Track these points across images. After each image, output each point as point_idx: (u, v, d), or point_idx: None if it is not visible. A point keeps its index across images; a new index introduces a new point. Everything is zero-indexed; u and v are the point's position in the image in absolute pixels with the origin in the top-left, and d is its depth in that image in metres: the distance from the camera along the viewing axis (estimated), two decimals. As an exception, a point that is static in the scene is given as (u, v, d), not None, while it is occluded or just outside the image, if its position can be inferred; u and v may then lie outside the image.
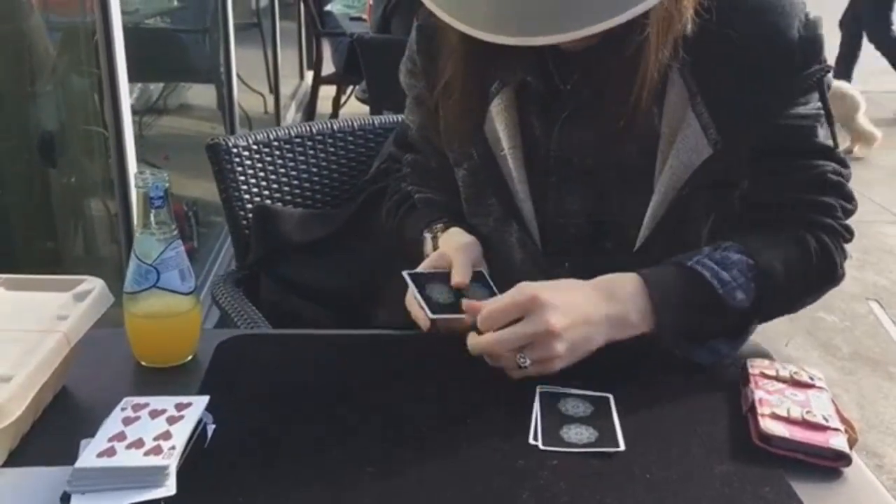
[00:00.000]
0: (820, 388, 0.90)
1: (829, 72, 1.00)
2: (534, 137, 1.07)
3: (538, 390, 0.90)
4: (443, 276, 1.01)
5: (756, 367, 0.93)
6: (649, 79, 0.94)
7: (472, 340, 0.91)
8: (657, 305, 0.93)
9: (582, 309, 0.91)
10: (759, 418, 0.83)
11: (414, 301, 0.99)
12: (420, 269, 1.04)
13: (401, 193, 1.26)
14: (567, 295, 0.91)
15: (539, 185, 1.09)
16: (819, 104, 1.00)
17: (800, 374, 0.91)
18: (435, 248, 1.10)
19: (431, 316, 0.96)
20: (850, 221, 1.04)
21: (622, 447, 0.82)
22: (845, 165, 1.03)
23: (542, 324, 0.88)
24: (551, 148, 1.06)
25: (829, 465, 0.80)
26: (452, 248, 1.06)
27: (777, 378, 0.91)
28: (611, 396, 0.90)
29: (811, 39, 0.98)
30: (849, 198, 1.03)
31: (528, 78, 1.04)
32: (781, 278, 0.97)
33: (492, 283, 1.04)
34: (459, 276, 1.00)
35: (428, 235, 1.14)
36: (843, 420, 0.85)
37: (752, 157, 1.01)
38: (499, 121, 1.07)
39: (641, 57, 0.93)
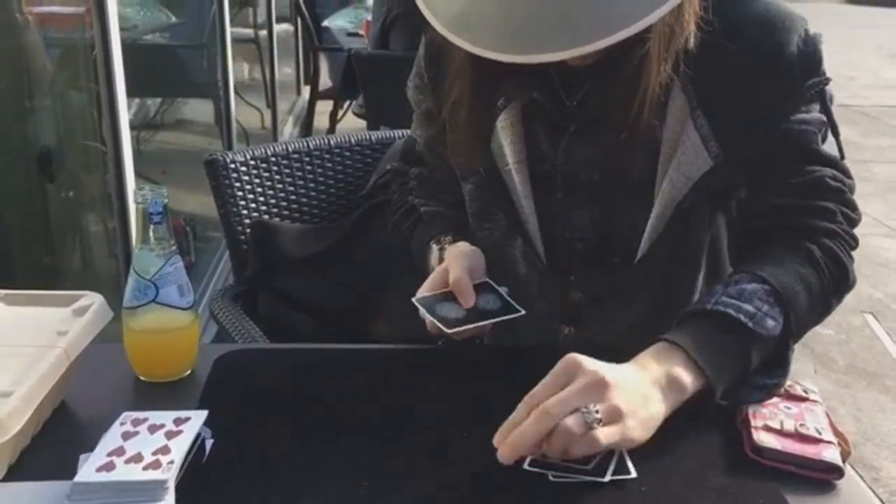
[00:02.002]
0: (814, 401, 0.91)
1: (827, 84, 1.00)
2: (540, 153, 1.08)
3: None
4: (451, 295, 1.03)
5: (750, 380, 0.93)
6: (651, 92, 0.94)
7: (525, 425, 0.78)
8: (695, 355, 0.86)
9: (624, 370, 0.84)
10: (753, 430, 0.84)
11: (434, 324, 1.00)
12: (423, 287, 1.05)
13: (406, 207, 1.26)
14: (605, 364, 0.83)
15: (545, 201, 1.09)
16: (821, 115, 1.00)
17: (794, 388, 0.92)
18: (441, 259, 1.10)
19: (449, 331, 0.98)
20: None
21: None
22: (848, 175, 1.02)
23: (590, 376, 0.80)
24: (558, 163, 1.07)
25: (821, 478, 0.80)
26: (451, 259, 1.06)
27: (771, 391, 0.91)
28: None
29: (810, 54, 0.98)
30: (850, 205, 1.02)
31: (534, 94, 1.04)
32: (803, 295, 0.95)
33: (499, 289, 1.05)
34: (463, 297, 1.01)
35: (435, 247, 1.14)
36: (837, 433, 0.85)
37: (751, 166, 1.01)
38: (504, 136, 1.08)
39: (643, 71, 0.93)
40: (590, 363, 0.81)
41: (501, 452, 0.78)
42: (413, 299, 1.01)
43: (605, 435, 0.78)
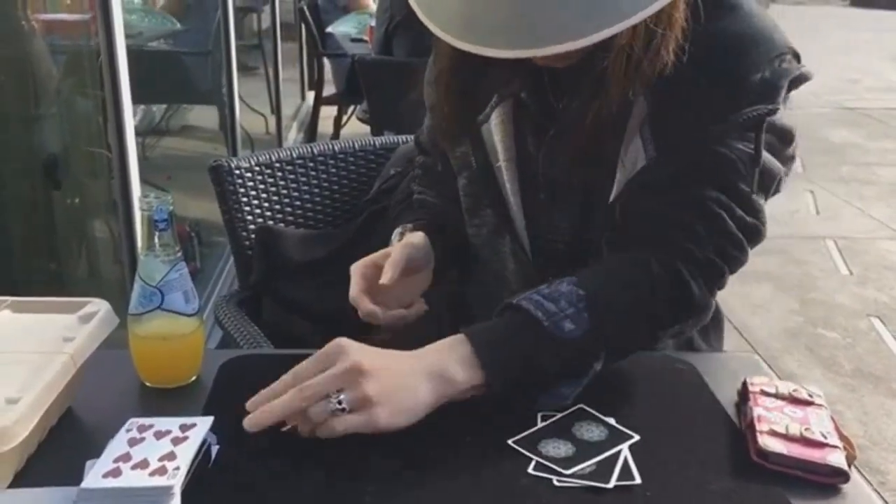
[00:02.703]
0: (819, 405, 0.90)
1: (772, 114, 0.95)
2: (527, 153, 1.10)
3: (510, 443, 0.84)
4: (547, 431, 0.88)
5: (756, 384, 0.93)
6: (607, 110, 0.95)
7: (279, 401, 0.82)
8: (477, 349, 0.87)
9: (391, 356, 0.86)
10: (758, 435, 0.84)
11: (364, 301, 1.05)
12: (361, 263, 1.09)
13: (405, 193, 1.30)
14: (377, 350, 0.86)
15: (531, 201, 1.11)
16: (751, 146, 0.95)
17: (799, 392, 0.92)
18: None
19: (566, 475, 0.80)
20: (737, 269, 0.98)
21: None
22: (752, 214, 0.97)
23: (346, 362, 0.82)
24: (541, 166, 1.08)
25: (826, 482, 0.80)
26: (395, 249, 1.09)
27: (776, 395, 0.91)
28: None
29: (771, 84, 0.95)
30: (732, 240, 0.96)
31: (522, 94, 1.06)
32: (616, 303, 0.92)
33: (597, 413, 0.90)
34: (386, 277, 1.04)
35: (397, 232, 1.18)
36: (842, 437, 0.85)
37: (667, 169, 0.98)
38: (496, 132, 1.10)
39: (602, 88, 0.94)
40: (355, 349, 0.84)
41: (248, 419, 0.82)
42: (510, 442, 0.85)
43: (345, 423, 0.81)
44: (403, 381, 0.84)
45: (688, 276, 0.95)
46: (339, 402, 0.81)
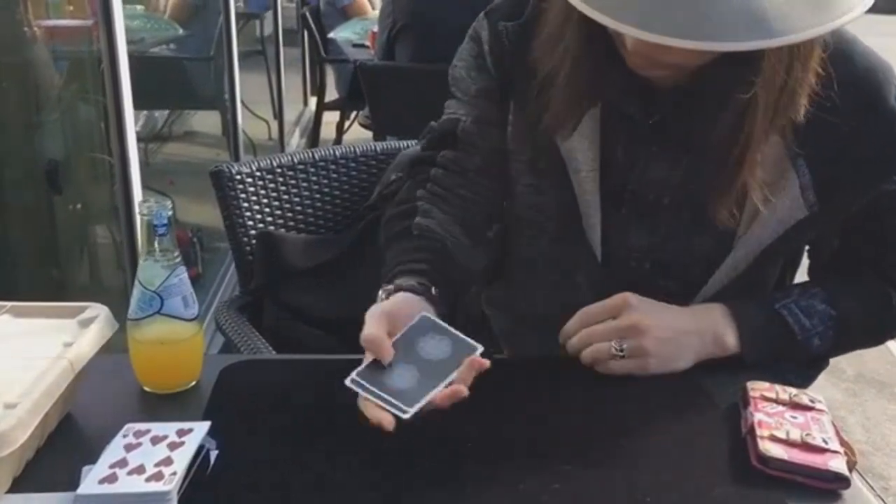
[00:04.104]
0: (820, 410, 0.90)
1: None
2: (615, 166, 1.05)
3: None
4: (399, 348, 0.87)
5: (756, 389, 0.93)
6: (754, 143, 0.94)
7: (570, 341, 1.00)
8: (743, 333, 1.02)
9: (670, 316, 1.00)
10: (759, 440, 0.83)
11: (373, 406, 0.83)
12: (368, 336, 0.88)
13: (407, 206, 1.13)
14: (657, 305, 1.01)
15: (609, 214, 1.07)
16: None
17: (800, 397, 0.92)
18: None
19: (408, 416, 0.80)
20: None
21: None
22: None
23: (631, 319, 0.97)
24: (630, 181, 1.05)
25: (827, 488, 0.80)
26: (369, 315, 0.92)
27: (777, 401, 0.91)
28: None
29: None
30: None
31: (621, 105, 1.02)
32: (858, 330, 1.08)
33: (443, 323, 0.90)
34: (384, 352, 0.87)
35: (382, 294, 1.00)
36: (843, 442, 0.85)
37: (846, 220, 1.05)
38: (580, 140, 1.05)
39: (746, 119, 0.93)
40: (637, 306, 0.99)
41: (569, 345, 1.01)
42: (346, 381, 0.85)
43: (622, 366, 0.98)
44: (678, 338, 0.99)
45: None
46: (620, 349, 0.97)
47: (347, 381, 0.84)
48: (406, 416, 0.80)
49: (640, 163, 1.05)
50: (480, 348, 0.87)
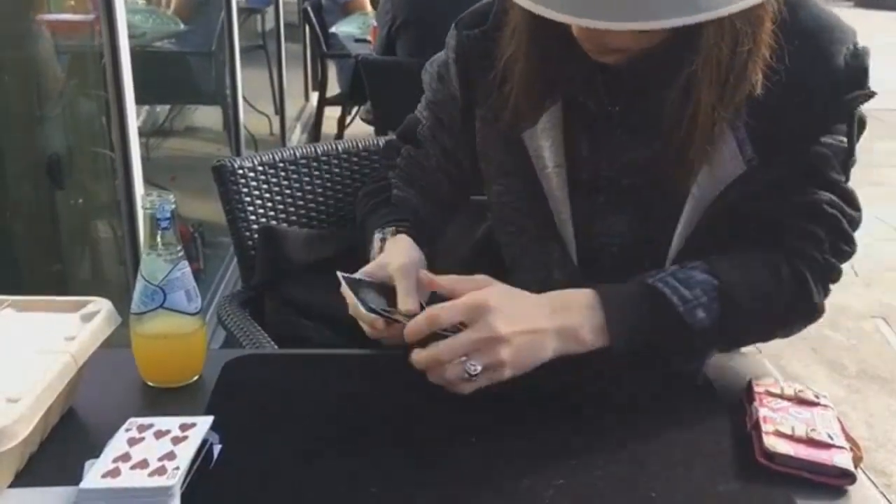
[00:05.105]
0: (825, 406, 0.90)
1: (869, 98, 0.97)
2: (580, 157, 1.07)
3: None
4: (381, 287, 0.99)
5: (761, 385, 0.93)
6: (700, 124, 0.94)
7: (416, 353, 0.89)
8: (610, 320, 0.92)
9: (530, 316, 0.90)
10: (764, 436, 0.83)
11: (356, 305, 0.95)
12: (357, 275, 1.01)
13: (381, 183, 1.24)
14: (516, 302, 0.91)
15: (582, 206, 1.08)
16: (844, 139, 0.98)
17: (805, 393, 0.91)
18: (381, 250, 1.09)
19: (364, 313, 0.93)
20: (846, 264, 1.01)
21: None
22: (852, 206, 1.00)
23: (488, 329, 0.87)
24: (601, 168, 1.06)
25: (833, 483, 0.80)
26: (395, 268, 1.01)
27: (782, 396, 0.91)
28: None
29: (857, 68, 0.96)
30: (843, 236, 0.99)
31: (580, 97, 1.03)
32: (746, 301, 0.95)
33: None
34: (409, 305, 0.95)
35: (377, 236, 1.12)
36: (848, 438, 0.85)
37: (771, 176, 0.99)
38: (544, 138, 1.06)
39: (691, 96, 0.93)
40: (495, 311, 0.88)
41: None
42: (339, 273, 0.97)
43: (473, 386, 0.88)
44: (537, 342, 0.90)
45: (811, 282, 0.98)
46: (474, 369, 0.87)
47: (339, 273, 0.97)
48: (360, 310, 0.93)
49: (607, 150, 1.05)
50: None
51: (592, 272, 1.07)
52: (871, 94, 0.98)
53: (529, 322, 0.90)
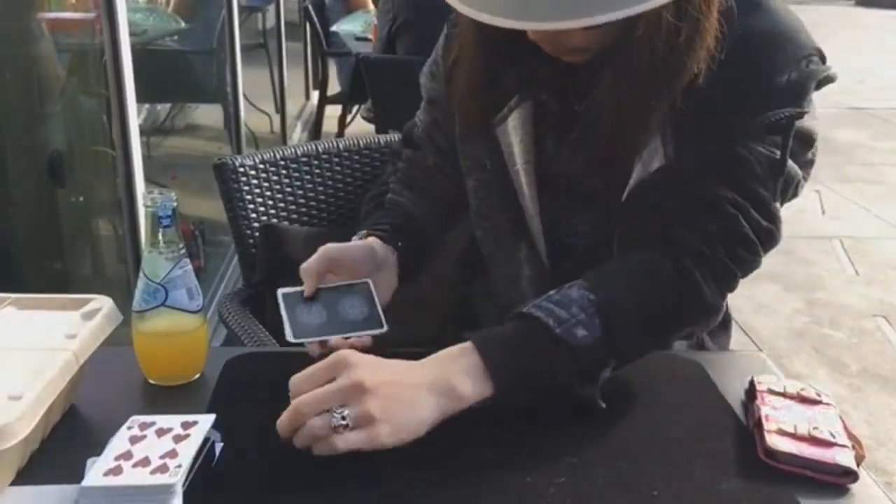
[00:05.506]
0: (827, 404, 0.90)
1: (799, 117, 0.94)
2: (547, 156, 1.08)
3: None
4: (324, 296, 0.99)
5: (763, 383, 0.93)
6: (632, 111, 0.93)
7: (279, 421, 0.81)
8: (488, 359, 0.85)
9: (396, 370, 0.84)
10: (766, 434, 0.83)
11: (286, 333, 0.96)
12: (305, 265, 1.02)
13: (382, 188, 1.27)
14: (382, 361, 0.85)
15: (549, 204, 1.09)
16: (776, 151, 0.94)
17: (807, 391, 0.91)
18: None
19: (293, 340, 0.94)
20: (753, 270, 0.97)
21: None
22: (767, 217, 0.95)
23: (349, 378, 0.80)
24: (561, 168, 1.07)
25: (835, 482, 0.80)
26: (303, 268, 1.03)
27: (784, 394, 0.91)
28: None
29: (798, 84, 0.93)
30: (745, 242, 0.94)
31: (543, 96, 1.04)
32: (631, 310, 0.90)
33: (375, 296, 1.00)
34: (308, 286, 1.00)
35: (354, 238, 1.14)
36: (851, 436, 0.85)
37: (682, 167, 0.96)
38: (514, 135, 1.07)
39: (619, 84, 0.93)
40: (357, 363, 0.82)
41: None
42: (279, 291, 0.97)
43: (348, 440, 0.79)
44: (408, 396, 0.82)
45: (699, 279, 0.94)
46: (343, 418, 0.78)
47: (278, 291, 0.94)
48: (290, 340, 0.91)
49: (569, 149, 1.06)
50: (385, 328, 0.97)
51: (561, 272, 1.05)
52: (801, 114, 0.94)
53: (395, 374, 0.83)
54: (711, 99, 0.93)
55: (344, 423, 0.78)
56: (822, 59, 0.97)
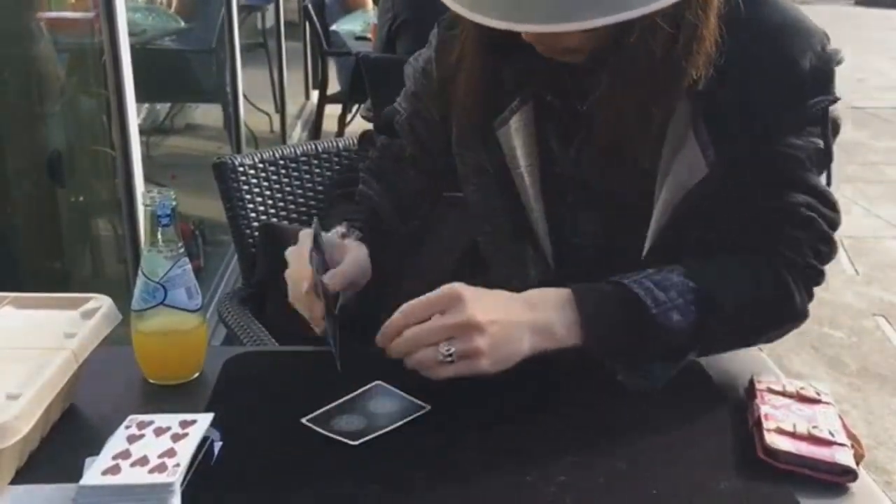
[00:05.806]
0: (827, 403, 0.90)
1: (833, 103, 0.96)
2: (551, 157, 1.07)
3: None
4: (343, 407, 0.91)
5: (763, 382, 0.93)
6: (631, 112, 0.94)
7: (395, 342, 0.88)
8: (585, 319, 0.91)
9: (505, 308, 0.90)
10: (765, 433, 0.83)
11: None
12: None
13: (351, 175, 1.26)
14: (490, 295, 0.91)
15: (554, 205, 1.08)
16: (819, 140, 0.96)
17: (806, 390, 0.91)
18: (343, 235, 1.10)
19: (355, 443, 0.84)
20: (827, 266, 0.99)
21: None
22: (830, 207, 0.98)
23: (462, 315, 0.86)
24: (567, 168, 1.06)
25: (834, 481, 0.80)
26: (348, 259, 1.05)
27: (784, 393, 0.91)
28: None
29: (822, 71, 0.95)
30: (823, 238, 0.98)
31: (548, 96, 1.04)
32: (728, 306, 0.93)
33: (393, 390, 0.93)
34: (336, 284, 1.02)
35: (339, 230, 1.11)
36: (850, 435, 0.84)
37: (736, 179, 0.97)
38: (517, 137, 1.07)
39: (619, 85, 0.93)
40: (469, 299, 0.87)
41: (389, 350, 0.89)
42: (304, 420, 0.87)
43: (451, 371, 0.87)
44: (513, 334, 0.89)
45: (792, 285, 0.97)
46: (450, 355, 0.86)
47: (304, 420, 0.87)
48: (354, 444, 0.84)
49: (574, 150, 1.05)
50: (428, 408, 0.90)
51: (568, 272, 1.06)
52: (836, 100, 0.96)
53: (504, 313, 0.89)
54: (746, 100, 0.94)
55: (450, 359, 0.86)
56: (828, 40, 0.98)
